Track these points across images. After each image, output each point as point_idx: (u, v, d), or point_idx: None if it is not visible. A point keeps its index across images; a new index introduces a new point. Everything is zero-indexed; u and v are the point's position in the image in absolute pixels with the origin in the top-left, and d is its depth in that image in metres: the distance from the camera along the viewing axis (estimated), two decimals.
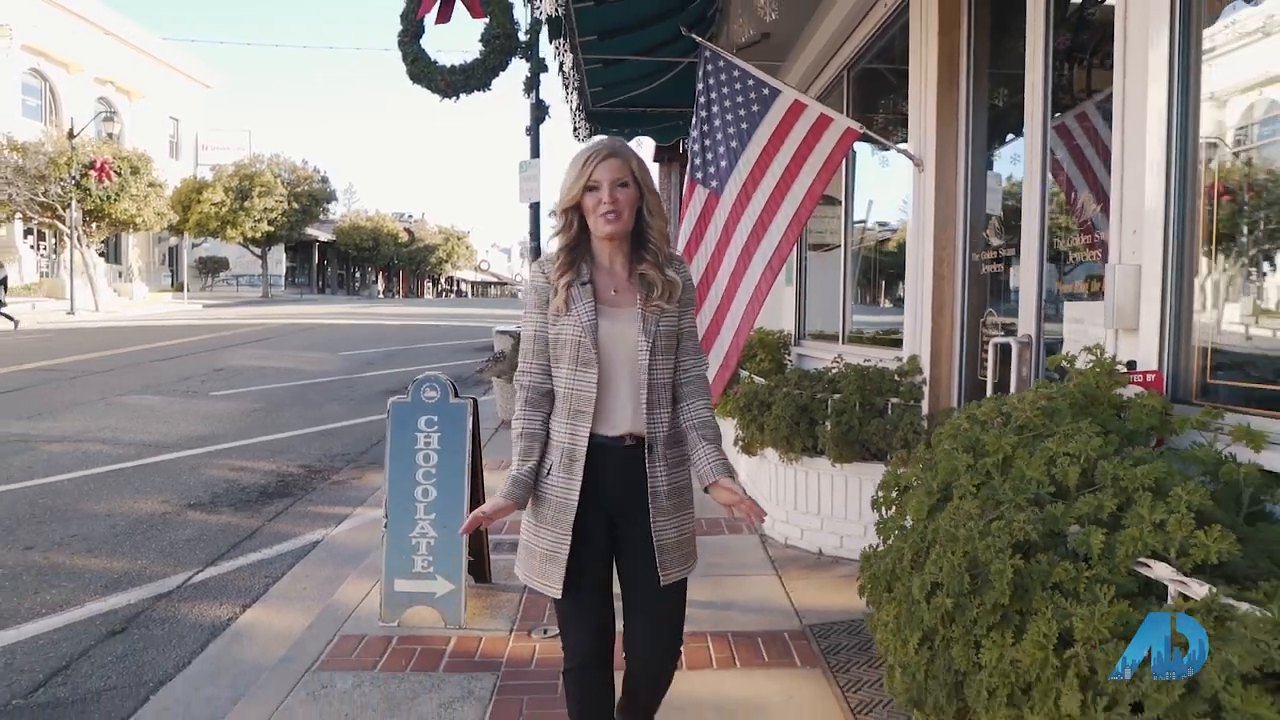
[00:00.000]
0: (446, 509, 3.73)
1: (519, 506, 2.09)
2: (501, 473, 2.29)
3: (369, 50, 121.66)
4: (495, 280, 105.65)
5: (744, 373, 5.65)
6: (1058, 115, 3.26)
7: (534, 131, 9.90)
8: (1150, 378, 2.21)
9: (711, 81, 4.34)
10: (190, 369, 13.34)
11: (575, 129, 8.90)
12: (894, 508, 2.00)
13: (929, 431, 3.73)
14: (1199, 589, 1.26)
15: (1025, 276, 3.40)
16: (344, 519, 5.73)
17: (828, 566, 4.44)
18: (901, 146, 4.43)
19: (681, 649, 2.25)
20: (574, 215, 2.09)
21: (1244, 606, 1.17)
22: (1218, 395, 2.21)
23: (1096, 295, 2.88)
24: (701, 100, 4.34)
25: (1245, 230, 2.23)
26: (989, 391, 3.36)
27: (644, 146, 11.01)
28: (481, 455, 4.07)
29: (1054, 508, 1.56)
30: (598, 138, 2.09)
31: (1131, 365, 2.31)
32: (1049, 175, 3.28)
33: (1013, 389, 3.25)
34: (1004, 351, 3.38)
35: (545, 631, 3.60)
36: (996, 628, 1.43)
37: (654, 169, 12.83)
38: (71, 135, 28.11)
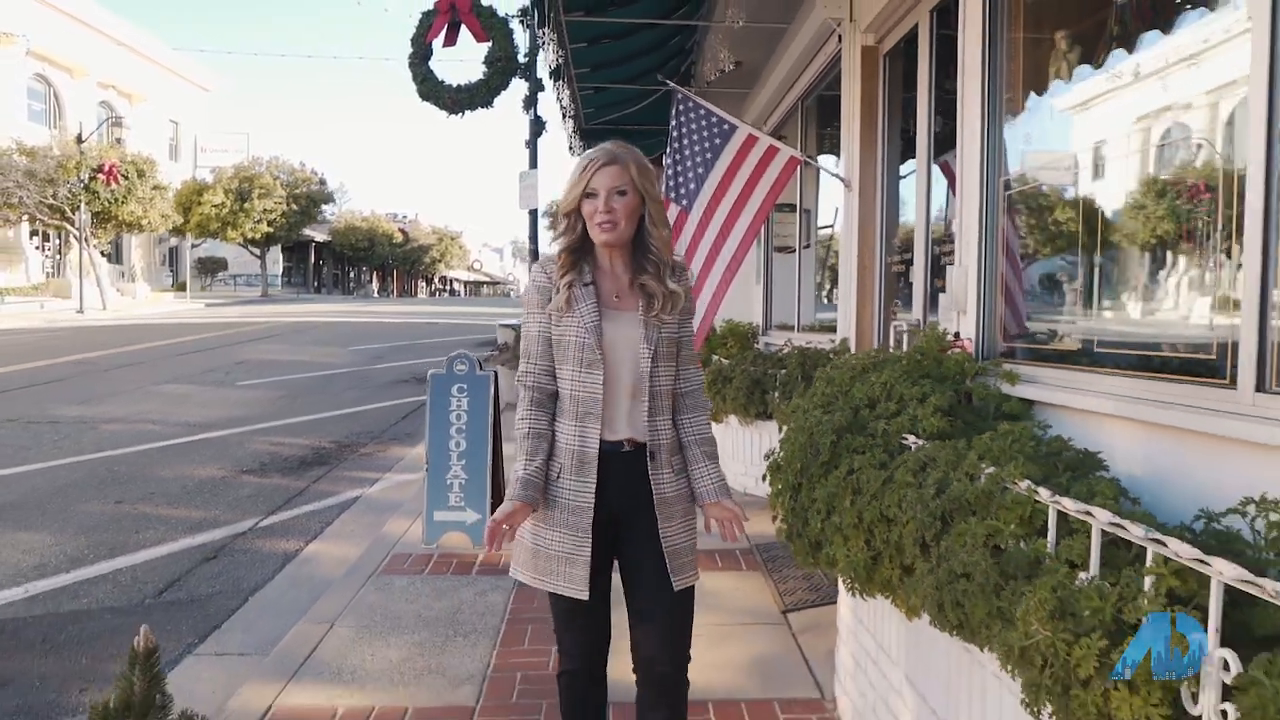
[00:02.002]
0: (474, 456, 4.77)
1: (533, 508, 2.04)
2: (511, 444, 2.54)
3: (370, 59, 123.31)
4: (488, 280, 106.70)
5: (715, 357, 6.70)
6: (941, 157, 4.31)
7: (532, 144, 10.90)
8: (966, 343, 3.27)
9: (682, 119, 5.38)
10: (212, 362, 14.33)
11: (570, 146, 9.94)
12: (788, 426, 3.05)
13: None
14: (919, 443, 2.32)
15: (917, 276, 4.45)
16: (376, 481, 6.78)
17: None
18: (835, 170, 5.49)
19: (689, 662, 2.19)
20: (575, 219, 2.08)
21: (930, 446, 2.23)
22: (1014, 354, 3.26)
23: None
24: (674, 134, 5.38)
25: (1030, 245, 3.29)
26: None
27: None
28: (500, 418, 5.11)
29: (864, 411, 2.61)
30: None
31: (957, 336, 3.36)
32: (932, 201, 4.34)
33: None
34: (902, 332, 4.44)
35: None
36: (822, 477, 2.47)
37: None
38: (80, 140, 28.95)
